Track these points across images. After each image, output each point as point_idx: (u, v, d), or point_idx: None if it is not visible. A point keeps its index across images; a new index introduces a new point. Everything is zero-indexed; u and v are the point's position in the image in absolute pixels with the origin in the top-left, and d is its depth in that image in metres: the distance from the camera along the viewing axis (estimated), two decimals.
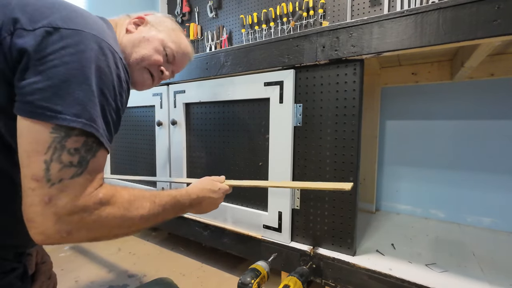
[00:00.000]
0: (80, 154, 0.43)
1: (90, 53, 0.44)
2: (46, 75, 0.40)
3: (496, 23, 0.58)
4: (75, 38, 0.43)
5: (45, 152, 0.40)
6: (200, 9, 1.95)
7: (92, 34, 0.45)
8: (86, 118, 0.43)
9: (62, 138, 0.41)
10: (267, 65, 0.91)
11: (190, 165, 1.17)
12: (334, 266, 0.81)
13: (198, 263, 1.18)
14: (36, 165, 0.40)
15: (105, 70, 0.46)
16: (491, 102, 1.11)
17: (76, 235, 0.44)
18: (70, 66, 0.42)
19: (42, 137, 0.40)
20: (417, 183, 1.27)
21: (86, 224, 0.44)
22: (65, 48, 0.42)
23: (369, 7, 1.33)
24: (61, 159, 0.41)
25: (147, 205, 0.53)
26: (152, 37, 0.66)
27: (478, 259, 0.86)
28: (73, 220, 0.42)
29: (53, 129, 0.40)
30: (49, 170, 0.40)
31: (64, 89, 0.41)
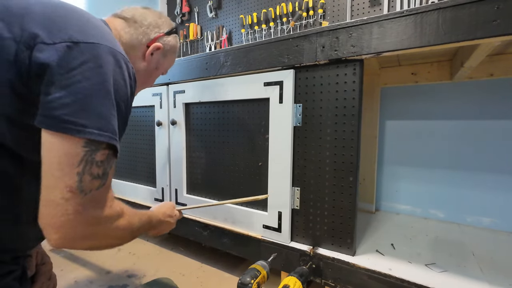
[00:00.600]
0: (104, 166, 0.47)
1: (108, 66, 0.47)
2: (71, 90, 0.42)
3: (496, 23, 0.58)
4: (94, 52, 0.45)
5: (78, 165, 0.43)
6: (200, 9, 1.95)
7: (108, 47, 0.48)
8: (110, 132, 0.46)
9: (93, 152, 0.44)
10: (266, 65, 0.91)
11: (190, 165, 1.17)
12: (334, 266, 0.81)
13: (198, 263, 1.18)
14: (70, 177, 0.42)
15: (121, 83, 0.50)
16: (491, 102, 1.11)
17: (93, 242, 0.49)
18: (92, 81, 0.44)
19: (74, 151, 0.43)
20: (416, 183, 1.27)
21: (106, 232, 0.50)
22: (86, 63, 0.44)
23: (369, 7, 1.33)
24: (91, 171, 0.44)
25: (136, 220, 0.60)
26: (161, 67, 0.76)
27: (478, 259, 0.86)
28: (98, 228, 0.48)
29: (85, 143, 0.43)
30: (81, 182, 0.43)
31: (88, 103, 0.44)
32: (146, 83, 0.78)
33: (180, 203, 1.20)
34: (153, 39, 0.70)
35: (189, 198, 1.17)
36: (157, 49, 0.71)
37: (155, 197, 1.29)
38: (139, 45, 0.68)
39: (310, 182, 0.87)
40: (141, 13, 0.69)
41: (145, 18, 0.69)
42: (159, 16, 0.73)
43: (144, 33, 0.68)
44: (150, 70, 0.73)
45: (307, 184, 0.87)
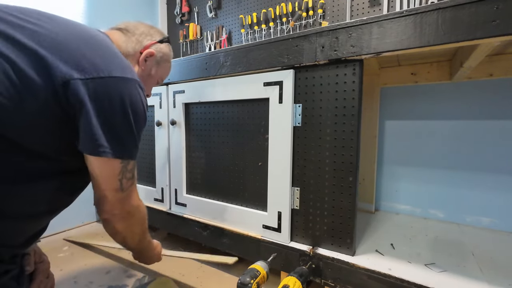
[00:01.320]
0: (132, 172, 0.65)
1: (130, 98, 0.58)
2: (104, 121, 0.55)
3: (495, 23, 0.58)
4: (118, 86, 0.56)
5: (118, 174, 0.61)
6: (200, 9, 1.95)
7: (128, 78, 0.58)
8: (129, 154, 0.62)
9: (126, 165, 0.62)
10: (266, 65, 0.91)
11: (190, 165, 1.17)
12: (334, 266, 0.81)
13: (198, 263, 1.18)
14: (115, 183, 0.61)
15: (141, 107, 0.61)
16: (490, 102, 1.11)
17: (129, 222, 0.69)
18: (119, 114, 0.57)
19: (116, 168, 0.60)
20: (416, 183, 1.27)
21: (135, 216, 0.70)
22: (113, 99, 0.56)
23: (369, 7, 1.33)
24: (126, 176, 0.63)
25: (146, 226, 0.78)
26: (155, 74, 0.81)
27: (477, 259, 0.86)
28: (131, 212, 0.68)
29: (121, 161, 0.60)
30: (122, 184, 0.62)
31: (117, 132, 0.58)
32: None
33: (180, 203, 1.20)
34: (145, 46, 0.75)
35: (188, 198, 1.17)
36: (150, 56, 0.75)
37: (154, 197, 1.29)
38: (134, 52, 0.73)
39: (309, 182, 0.87)
40: (133, 24, 0.76)
41: (137, 28, 0.76)
42: (151, 27, 0.79)
43: (137, 40, 0.74)
44: (144, 76, 0.77)
45: (307, 184, 0.87)
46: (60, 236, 1.44)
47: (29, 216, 0.55)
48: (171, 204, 1.23)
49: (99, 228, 1.56)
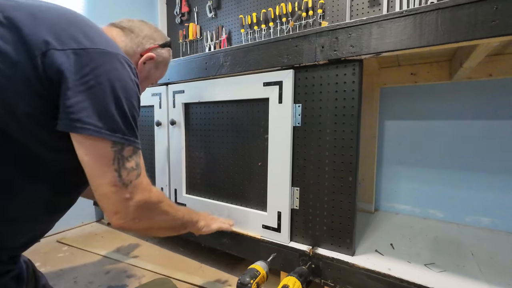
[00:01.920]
0: (134, 160, 0.55)
1: (116, 71, 0.52)
2: (86, 94, 0.48)
3: (494, 23, 0.58)
4: (102, 58, 0.50)
5: (113, 163, 0.51)
6: (199, 9, 1.95)
7: (114, 53, 0.53)
8: (120, 131, 0.52)
9: (120, 150, 0.52)
10: (266, 65, 0.91)
11: (189, 165, 1.17)
12: (333, 266, 0.81)
13: (197, 263, 1.18)
14: (110, 174, 0.51)
15: (130, 84, 0.54)
16: (490, 102, 1.12)
17: (148, 223, 0.60)
18: (103, 86, 0.49)
19: (106, 152, 0.50)
20: (416, 183, 1.27)
21: (154, 214, 0.61)
22: (96, 69, 0.49)
23: (368, 7, 1.33)
24: (125, 166, 0.53)
25: (176, 207, 0.70)
26: (152, 77, 0.79)
27: (477, 259, 0.86)
28: (148, 210, 0.58)
29: (112, 144, 0.51)
30: (121, 176, 0.52)
31: (102, 107, 0.49)
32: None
33: (179, 203, 1.20)
34: (147, 49, 0.73)
35: (188, 198, 1.17)
36: (150, 59, 0.74)
37: None
38: (133, 54, 0.71)
39: (309, 182, 0.87)
40: (138, 25, 0.73)
41: (142, 30, 0.73)
42: (155, 30, 0.76)
43: (140, 43, 0.72)
44: (141, 78, 0.75)
45: (307, 184, 0.87)
46: (60, 236, 1.44)
47: (29, 216, 0.54)
48: None
49: (99, 228, 1.56)
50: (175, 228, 0.72)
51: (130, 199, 0.54)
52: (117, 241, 1.38)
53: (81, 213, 1.59)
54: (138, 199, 0.55)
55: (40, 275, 0.69)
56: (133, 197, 0.54)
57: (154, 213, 0.61)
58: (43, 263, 1.16)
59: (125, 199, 0.53)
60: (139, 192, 0.55)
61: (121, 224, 0.55)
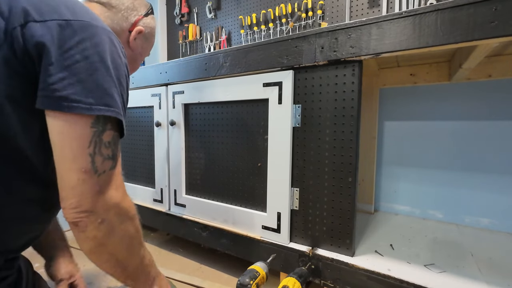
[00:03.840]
0: (111, 148, 0.48)
1: (105, 45, 0.47)
2: (72, 70, 0.42)
3: (494, 24, 0.58)
4: (88, 31, 0.45)
5: (88, 146, 0.44)
6: (199, 9, 1.95)
7: (101, 27, 0.47)
8: (116, 107, 0.47)
9: (100, 133, 0.46)
10: (266, 66, 0.91)
11: (189, 166, 1.17)
12: (333, 266, 0.81)
13: (197, 264, 1.17)
14: (83, 159, 0.44)
15: (118, 61, 0.49)
16: (489, 103, 1.12)
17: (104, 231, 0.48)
18: (92, 60, 0.44)
19: (83, 132, 0.44)
20: (415, 183, 1.27)
21: (119, 225, 0.50)
22: (82, 42, 0.44)
23: (368, 8, 1.34)
24: (101, 152, 0.46)
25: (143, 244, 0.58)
26: (143, 51, 0.75)
27: (476, 259, 0.86)
28: (114, 215, 0.48)
29: (92, 124, 0.44)
30: (95, 163, 0.45)
31: (92, 82, 0.44)
32: (131, 70, 0.77)
33: (179, 203, 1.20)
34: (133, 23, 0.68)
35: (188, 199, 1.17)
36: (139, 33, 0.69)
37: (154, 198, 1.28)
38: (121, 31, 0.67)
39: (309, 183, 0.87)
40: None
41: (121, 1, 0.67)
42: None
43: (124, 17, 0.66)
44: (135, 56, 0.72)
45: (306, 185, 0.87)
46: None
47: (23, 217, 0.50)
48: (171, 204, 1.23)
49: None
50: (126, 267, 0.55)
51: (100, 193, 0.46)
52: None
53: None
54: (111, 196, 0.47)
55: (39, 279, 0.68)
56: (105, 191, 0.46)
57: (121, 225, 0.49)
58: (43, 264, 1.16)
59: (95, 192, 0.45)
60: (112, 188, 0.48)
61: (80, 221, 0.45)
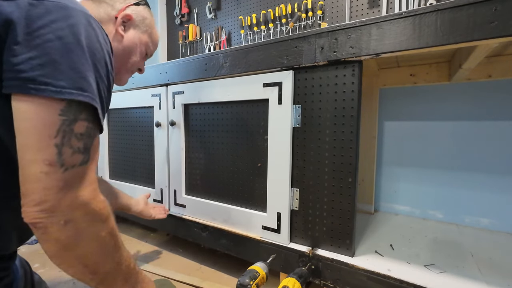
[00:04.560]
0: (84, 140, 0.43)
1: (81, 27, 0.42)
2: (43, 49, 0.38)
3: (494, 24, 0.58)
4: (63, 11, 0.41)
5: (56, 136, 0.39)
6: (199, 10, 1.95)
7: (79, 9, 0.43)
8: (91, 92, 0.42)
9: (71, 122, 0.41)
10: (266, 66, 0.91)
11: (189, 166, 1.17)
12: (333, 267, 0.81)
13: (197, 264, 1.17)
14: (48, 149, 0.39)
15: (96, 45, 0.45)
16: (489, 103, 1.12)
17: (70, 233, 0.41)
18: (65, 41, 0.40)
19: (51, 119, 0.39)
20: (415, 184, 1.27)
21: (87, 227, 0.43)
22: (56, 22, 0.40)
23: (368, 8, 1.34)
24: (71, 143, 0.41)
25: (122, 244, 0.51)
26: (139, 42, 0.69)
27: (476, 260, 0.86)
28: (81, 216, 0.43)
29: (62, 111, 0.40)
30: (61, 155, 0.40)
31: (64, 63, 0.40)
32: (125, 64, 0.69)
33: (179, 204, 1.20)
34: (120, 10, 0.63)
35: (188, 199, 1.17)
36: (128, 20, 0.65)
37: (154, 198, 1.28)
38: (108, 19, 0.62)
39: (309, 183, 0.87)
40: None
41: None
42: None
43: (109, 5, 0.62)
44: (128, 48, 0.66)
45: (306, 185, 0.87)
46: None
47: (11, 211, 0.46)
48: (170, 205, 1.23)
49: None
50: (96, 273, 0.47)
51: (65, 190, 0.40)
52: None
53: None
54: (78, 194, 0.42)
55: (38, 280, 0.67)
56: (71, 188, 0.41)
57: (89, 228, 0.44)
58: (42, 264, 1.16)
59: (58, 188, 0.39)
60: (82, 186, 0.42)
61: (39, 222, 0.39)
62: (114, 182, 1.46)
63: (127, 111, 1.38)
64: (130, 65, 0.70)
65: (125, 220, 1.63)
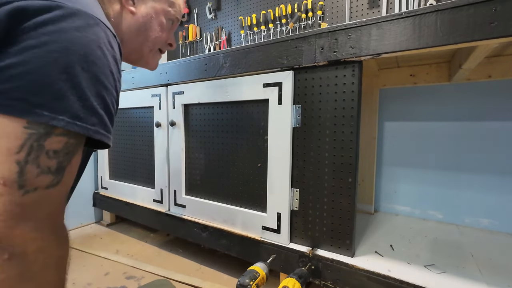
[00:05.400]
0: (58, 159, 0.35)
1: (74, 32, 0.36)
2: (22, 58, 0.33)
3: (493, 25, 0.58)
4: (53, 12, 0.34)
5: (18, 151, 0.32)
6: (199, 10, 1.95)
7: (75, 7, 0.37)
8: (68, 115, 0.35)
9: (41, 137, 0.34)
10: (266, 66, 0.91)
11: (189, 166, 1.17)
12: (333, 267, 0.81)
13: (197, 264, 1.17)
14: (6, 166, 0.32)
15: (97, 52, 0.38)
16: (489, 103, 1.12)
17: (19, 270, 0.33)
18: (51, 48, 0.34)
19: (13, 132, 0.32)
20: (415, 184, 1.27)
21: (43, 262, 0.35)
22: (44, 25, 0.34)
23: (368, 9, 1.34)
24: (38, 161, 0.34)
25: None
26: (155, 13, 0.58)
27: (476, 260, 0.86)
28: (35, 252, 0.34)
29: (28, 123, 0.33)
30: (23, 174, 0.33)
31: (42, 76, 0.33)
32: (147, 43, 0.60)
33: (179, 204, 1.19)
34: None
35: (188, 199, 1.17)
36: None
37: (154, 198, 1.28)
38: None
39: (309, 183, 0.87)
40: None
41: None
42: None
43: None
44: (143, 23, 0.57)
45: (306, 185, 0.87)
46: None
47: None
48: (170, 205, 1.23)
49: (98, 229, 1.55)
50: None
51: (21, 218, 0.33)
52: (116, 243, 1.38)
53: (80, 215, 1.58)
54: (38, 225, 0.34)
55: None
56: (29, 215, 0.33)
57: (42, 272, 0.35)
58: None
59: (12, 214, 0.32)
60: (42, 215, 0.35)
61: None
62: (114, 182, 1.46)
63: (127, 111, 1.38)
64: (152, 44, 0.61)
65: (125, 220, 1.64)
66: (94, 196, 1.60)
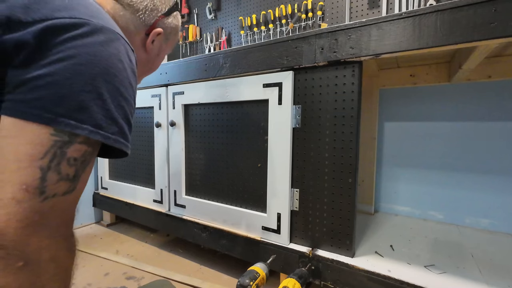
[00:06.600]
0: (76, 167, 0.37)
1: (98, 47, 0.38)
2: (50, 69, 0.35)
3: (493, 25, 0.58)
4: (80, 29, 0.37)
5: (42, 157, 0.33)
6: (199, 10, 1.95)
7: (99, 24, 0.40)
8: (92, 124, 0.37)
9: (65, 144, 0.35)
10: (266, 66, 0.91)
11: (189, 167, 1.17)
12: (333, 267, 0.81)
13: (197, 265, 1.17)
14: (29, 171, 0.32)
15: (118, 65, 0.41)
16: (489, 103, 1.12)
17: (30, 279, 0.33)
18: (77, 61, 0.36)
19: (39, 138, 0.33)
20: (415, 184, 1.27)
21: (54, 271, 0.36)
22: (72, 41, 0.36)
23: (368, 9, 1.34)
24: (60, 168, 0.35)
25: None
26: (162, 52, 0.68)
27: (477, 260, 0.86)
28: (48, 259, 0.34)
29: (55, 131, 0.34)
30: (45, 180, 0.33)
31: (68, 87, 0.35)
32: (148, 71, 0.71)
33: (179, 204, 1.19)
34: (152, 25, 0.60)
35: (188, 199, 1.17)
36: (157, 35, 0.62)
37: (154, 198, 1.28)
38: (137, 32, 0.59)
39: (309, 184, 0.87)
40: None
41: (141, 0, 0.58)
42: None
43: (141, 19, 0.58)
44: (152, 58, 0.66)
45: (306, 186, 0.87)
46: None
47: None
48: (170, 205, 1.23)
49: (98, 230, 1.55)
50: None
51: (39, 224, 0.33)
52: (116, 243, 1.38)
53: (80, 215, 1.58)
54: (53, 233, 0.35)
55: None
56: (46, 222, 0.34)
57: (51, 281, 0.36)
58: None
59: (29, 222, 0.32)
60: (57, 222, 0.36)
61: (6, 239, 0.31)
62: (114, 182, 1.46)
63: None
64: (152, 70, 0.73)
65: (125, 221, 1.63)
66: (94, 196, 1.60)
